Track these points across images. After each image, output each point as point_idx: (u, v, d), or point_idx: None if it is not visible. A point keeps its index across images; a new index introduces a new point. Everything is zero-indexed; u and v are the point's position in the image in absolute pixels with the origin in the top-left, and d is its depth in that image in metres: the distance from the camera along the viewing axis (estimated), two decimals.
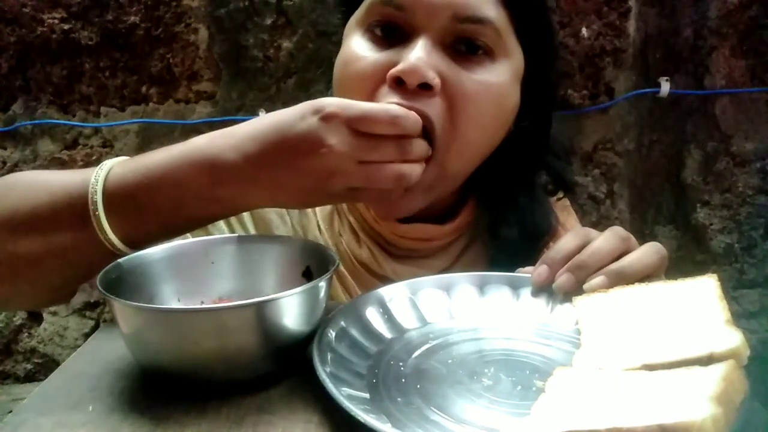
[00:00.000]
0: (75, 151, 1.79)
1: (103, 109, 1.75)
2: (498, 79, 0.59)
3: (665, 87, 1.67)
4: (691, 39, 1.68)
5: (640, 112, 1.70)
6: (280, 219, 0.70)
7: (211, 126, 1.69)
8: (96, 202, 0.49)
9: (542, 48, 0.64)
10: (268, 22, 1.65)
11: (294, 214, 0.70)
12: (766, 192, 1.77)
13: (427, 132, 0.55)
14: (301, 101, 0.49)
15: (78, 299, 0.64)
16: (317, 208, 0.71)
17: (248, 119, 0.51)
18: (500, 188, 0.70)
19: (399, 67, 0.54)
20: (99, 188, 0.49)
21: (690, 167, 1.77)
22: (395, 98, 0.54)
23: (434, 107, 0.55)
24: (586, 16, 1.58)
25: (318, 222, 0.70)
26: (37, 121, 1.75)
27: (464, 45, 0.58)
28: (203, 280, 0.53)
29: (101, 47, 1.69)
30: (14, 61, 1.71)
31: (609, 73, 1.61)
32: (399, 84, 0.55)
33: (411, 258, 0.70)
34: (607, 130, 1.66)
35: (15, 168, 1.81)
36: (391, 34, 0.58)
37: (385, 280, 0.68)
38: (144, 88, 1.73)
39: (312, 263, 0.52)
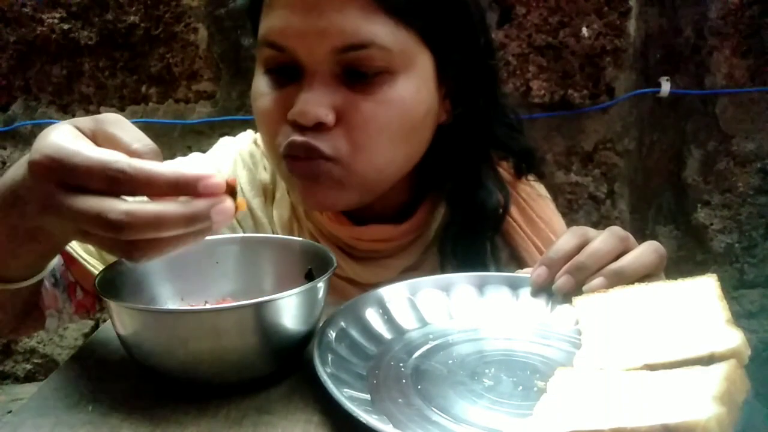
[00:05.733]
0: None
1: (102, 109, 1.75)
2: (400, 93, 0.58)
3: (665, 87, 1.67)
4: (692, 39, 1.68)
5: (640, 112, 1.70)
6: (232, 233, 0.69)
7: (211, 126, 1.70)
8: None
9: (454, 38, 0.61)
10: None
11: (248, 225, 0.70)
12: (766, 192, 1.76)
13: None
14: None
15: (51, 325, 0.64)
16: (275, 217, 0.70)
17: (247, 119, 0.51)
18: (450, 177, 0.69)
19: (292, 111, 0.56)
20: None
21: (690, 167, 1.77)
22: (295, 137, 0.57)
23: (330, 140, 0.57)
24: (586, 16, 1.58)
25: (276, 231, 0.70)
26: (36, 121, 1.75)
27: (355, 73, 0.57)
28: (207, 280, 0.53)
29: (101, 47, 1.69)
30: (14, 61, 1.71)
31: (609, 73, 1.61)
32: (298, 124, 0.57)
33: (372, 259, 0.69)
34: (607, 130, 1.66)
35: None
36: (286, 72, 0.59)
37: (349, 281, 0.69)
38: (143, 88, 1.73)
39: (314, 265, 0.52)
